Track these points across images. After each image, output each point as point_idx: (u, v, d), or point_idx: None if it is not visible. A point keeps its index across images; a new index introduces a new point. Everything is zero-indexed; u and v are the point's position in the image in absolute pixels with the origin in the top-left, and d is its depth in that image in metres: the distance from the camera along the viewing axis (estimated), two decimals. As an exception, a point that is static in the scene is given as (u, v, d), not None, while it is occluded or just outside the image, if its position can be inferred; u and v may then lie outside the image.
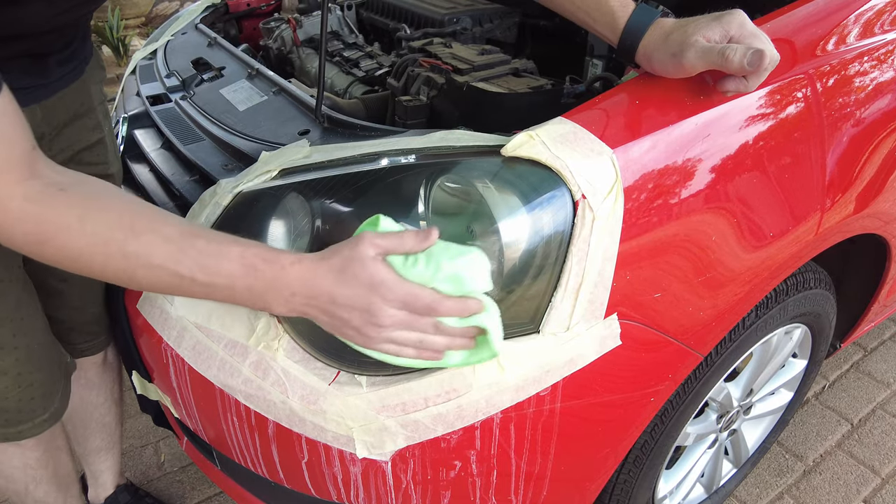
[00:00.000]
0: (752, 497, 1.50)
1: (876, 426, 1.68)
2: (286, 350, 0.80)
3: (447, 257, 0.67)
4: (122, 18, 4.35)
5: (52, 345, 1.01)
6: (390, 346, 0.69)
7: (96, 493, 1.40)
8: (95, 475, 1.38)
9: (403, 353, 0.69)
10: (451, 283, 0.66)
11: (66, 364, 1.06)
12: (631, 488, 1.09)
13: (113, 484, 1.40)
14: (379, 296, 0.65)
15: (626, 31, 0.82)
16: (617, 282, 0.78)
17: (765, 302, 1.06)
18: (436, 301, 0.65)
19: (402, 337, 0.67)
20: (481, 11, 1.47)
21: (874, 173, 1.04)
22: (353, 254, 0.65)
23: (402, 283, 0.65)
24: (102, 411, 1.28)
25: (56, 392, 1.02)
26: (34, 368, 0.96)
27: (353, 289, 0.65)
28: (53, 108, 0.92)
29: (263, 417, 0.82)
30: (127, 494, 1.42)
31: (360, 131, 0.97)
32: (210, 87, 1.26)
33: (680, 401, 1.01)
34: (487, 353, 0.71)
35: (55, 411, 1.02)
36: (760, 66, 0.74)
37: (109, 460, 1.36)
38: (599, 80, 1.00)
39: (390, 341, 0.68)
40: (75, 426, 1.28)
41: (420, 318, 0.67)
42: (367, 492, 0.84)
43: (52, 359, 1.01)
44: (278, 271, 0.65)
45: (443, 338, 0.68)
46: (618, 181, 0.76)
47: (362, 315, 0.66)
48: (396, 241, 0.66)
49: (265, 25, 1.63)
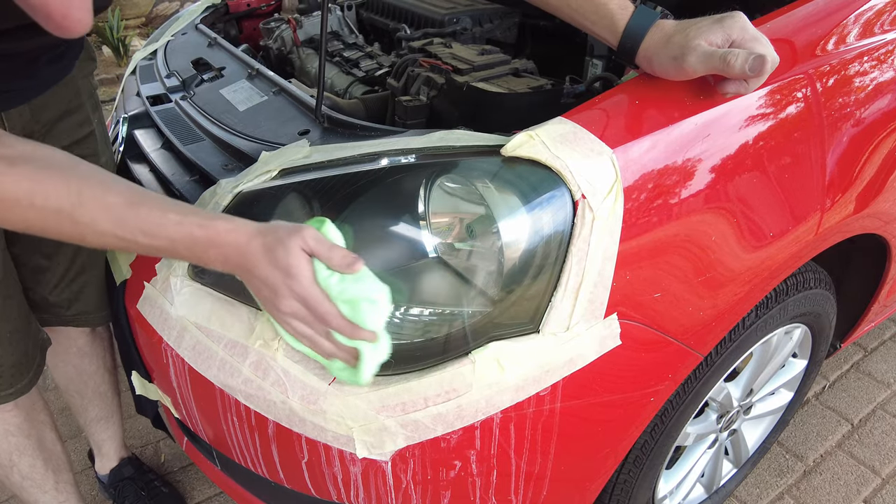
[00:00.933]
0: (753, 497, 1.50)
1: (876, 426, 1.68)
2: (286, 350, 0.80)
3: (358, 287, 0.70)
4: (122, 18, 4.35)
5: (27, 329, 1.05)
6: (290, 329, 0.74)
7: (102, 465, 1.44)
8: (99, 445, 1.41)
9: (301, 340, 0.75)
10: (348, 308, 0.70)
11: (41, 341, 1.10)
12: (631, 488, 1.09)
13: (117, 456, 1.43)
14: (287, 286, 0.69)
15: (625, 33, 0.82)
16: (617, 282, 0.78)
17: (765, 302, 1.06)
18: (329, 314, 0.70)
19: (298, 327, 0.73)
20: (481, 11, 1.47)
21: (874, 173, 1.04)
22: (285, 240, 0.69)
23: (311, 285, 0.69)
24: (97, 380, 1.31)
25: (27, 371, 1.06)
26: (5, 353, 1.00)
27: (272, 270, 0.70)
28: (43, 106, 0.92)
29: (263, 417, 0.82)
30: (131, 468, 1.45)
31: (360, 131, 0.97)
32: (210, 88, 1.26)
33: (680, 401, 1.01)
34: (355, 378, 0.73)
35: (21, 387, 1.06)
36: (762, 71, 0.74)
37: (110, 430, 1.40)
38: (599, 80, 1.00)
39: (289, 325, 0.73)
40: (72, 396, 1.32)
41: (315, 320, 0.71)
42: (367, 492, 0.84)
43: (26, 343, 1.05)
44: (213, 237, 0.71)
45: (330, 345, 0.73)
46: (618, 181, 0.76)
47: (270, 293, 0.71)
48: (326, 251, 0.69)
49: (265, 26, 1.63)
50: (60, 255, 1.10)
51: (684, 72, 0.79)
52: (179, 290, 0.87)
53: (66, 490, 1.24)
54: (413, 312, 0.78)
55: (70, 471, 1.25)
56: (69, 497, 1.25)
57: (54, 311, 1.15)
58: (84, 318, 1.19)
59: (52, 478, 1.20)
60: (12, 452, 1.13)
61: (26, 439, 1.13)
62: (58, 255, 1.09)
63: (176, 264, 0.89)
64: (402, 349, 0.78)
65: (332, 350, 0.73)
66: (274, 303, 0.71)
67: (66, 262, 1.11)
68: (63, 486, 1.23)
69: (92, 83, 1.08)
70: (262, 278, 0.70)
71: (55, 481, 1.21)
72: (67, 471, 1.24)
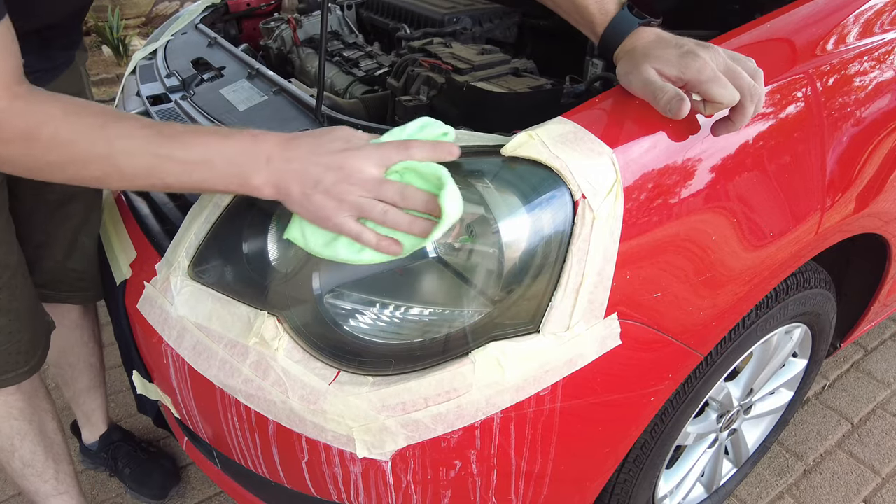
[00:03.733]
0: (753, 496, 1.50)
1: (876, 426, 1.68)
2: (286, 350, 0.80)
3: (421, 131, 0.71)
4: (122, 18, 4.35)
5: (38, 308, 1.09)
6: (352, 225, 0.68)
7: (90, 434, 1.50)
8: (87, 415, 1.47)
9: (364, 236, 0.69)
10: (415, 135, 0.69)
11: (47, 323, 1.14)
12: (631, 488, 1.09)
13: (105, 423, 1.50)
14: (354, 151, 0.66)
15: (603, 39, 0.83)
16: (617, 281, 0.78)
17: (765, 301, 1.06)
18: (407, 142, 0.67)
19: (367, 205, 0.67)
20: (481, 11, 1.47)
21: (874, 173, 1.04)
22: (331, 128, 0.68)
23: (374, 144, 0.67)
24: (87, 351, 1.37)
25: (38, 349, 1.10)
26: (23, 328, 1.04)
27: (330, 145, 0.67)
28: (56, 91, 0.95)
29: (264, 417, 0.82)
30: (120, 432, 1.52)
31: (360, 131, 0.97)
32: (210, 87, 1.26)
33: (680, 400, 1.01)
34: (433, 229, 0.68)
35: (34, 364, 1.10)
36: (678, 114, 0.73)
37: (99, 399, 1.46)
38: (599, 79, 1.00)
39: (356, 208, 0.68)
40: (63, 369, 1.37)
41: (390, 184, 0.67)
42: (368, 492, 0.84)
43: (38, 320, 1.09)
44: (252, 137, 0.68)
45: (405, 216, 0.68)
46: (618, 181, 0.76)
47: (336, 173, 0.66)
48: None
49: (265, 25, 1.63)
50: (60, 233, 1.14)
51: (631, 89, 0.80)
52: (179, 289, 0.87)
53: (67, 482, 1.25)
54: (413, 312, 0.78)
55: (71, 463, 1.26)
56: (69, 489, 1.25)
57: (57, 287, 1.20)
58: (83, 296, 1.25)
59: (53, 467, 1.21)
60: (14, 436, 1.14)
61: (28, 424, 1.14)
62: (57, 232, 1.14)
63: (176, 264, 0.89)
64: (402, 349, 0.78)
65: (408, 221, 0.68)
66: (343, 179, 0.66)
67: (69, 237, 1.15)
68: (63, 476, 1.24)
69: (86, 72, 1.13)
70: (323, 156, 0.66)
71: (55, 471, 1.22)
72: (68, 463, 1.25)
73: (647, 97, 0.77)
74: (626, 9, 0.82)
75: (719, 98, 0.74)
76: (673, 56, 0.76)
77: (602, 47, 0.84)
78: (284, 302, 0.81)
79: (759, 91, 0.76)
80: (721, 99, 0.74)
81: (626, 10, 0.82)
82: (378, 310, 0.79)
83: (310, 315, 0.80)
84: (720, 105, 0.75)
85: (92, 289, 1.25)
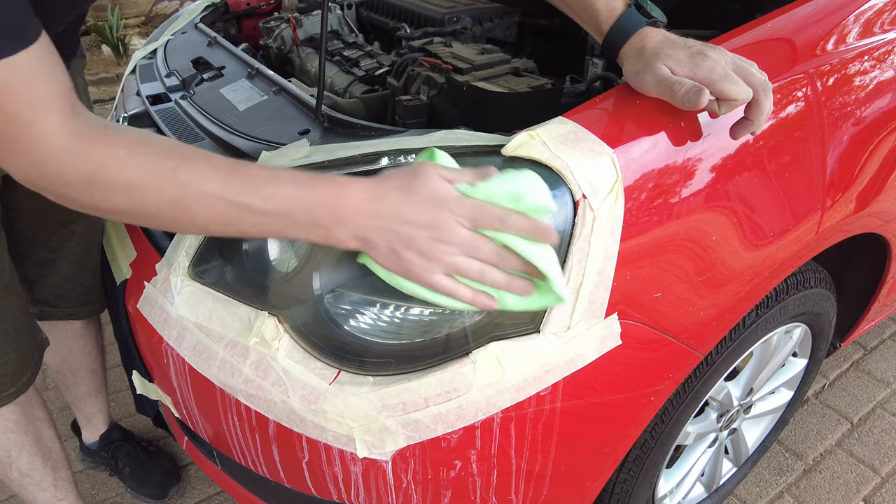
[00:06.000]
0: (752, 496, 1.50)
1: (876, 425, 1.68)
2: (286, 350, 0.80)
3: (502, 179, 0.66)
4: (122, 18, 4.34)
5: (29, 327, 1.07)
6: (446, 283, 0.66)
7: (91, 433, 1.50)
8: (88, 417, 1.48)
9: (459, 292, 0.66)
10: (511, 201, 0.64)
11: (40, 341, 1.11)
12: (631, 487, 1.09)
13: (105, 423, 1.50)
14: (447, 209, 0.63)
15: (608, 37, 0.83)
16: (617, 281, 0.78)
17: (765, 301, 1.06)
18: (505, 213, 0.63)
19: (464, 264, 0.65)
20: (481, 11, 1.47)
21: (874, 172, 1.04)
22: (417, 171, 0.64)
23: (467, 198, 0.63)
24: (90, 358, 1.37)
25: (27, 369, 1.07)
26: (9, 349, 1.01)
27: (421, 203, 0.63)
28: None
29: (264, 417, 0.82)
30: (120, 431, 1.53)
31: (360, 131, 0.97)
32: (210, 87, 1.26)
33: (680, 400, 1.01)
34: (552, 297, 0.67)
35: (22, 385, 1.07)
36: (697, 104, 0.72)
37: (100, 402, 1.47)
38: (600, 79, 1.00)
39: (451, 268, 0.65)
40: (65, 375, 1.37)
41: (485, 243, 0.65)
42: (368, 491, 0.84)
43: (28, 340, 1.06)
44: (336, 188, 0.63)
45: (503, 275, 0.66)
46: (618, 181, 0.76)
47: (429, 232, 0.63)
48: (456, 172, 0.65)
49: (265, 25, 1.63)
50: (66, 249, 1.12)
51: (642, 88, 0.79)
52: (180, 289, 0.87)
53: (65, 488, 1.24)
54: (413, 312, 0.78)
55: (69, 468, 1.26)
56: (68, 494, 1.25)
57: (61, 304, 1.19)
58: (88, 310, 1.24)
59: (51, 475, 1.21)
60: (10, 449, 1.13)
61: (24, 435, 1.14)
62: (63, 249, 1.12)
63: (176, 264, 0.89)
64: (402, 349, 0.78)
65: (506, 281, 0.66)
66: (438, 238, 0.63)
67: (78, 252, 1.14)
68: (62, 483, 1.23)
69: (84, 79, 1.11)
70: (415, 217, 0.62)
71: (54, 479, 1.21)
72: (66, 468, 1.25)
73: (662, 94, 0.77)
74: (633, 7, 0.82)
75: (734, 95, 0.73)
76: (683, 56, 0.76)
77: (606, 45, 0.83)
78: (285, 302, 0.81)
79: (771, 88, 0.76)
80: (736, 96, 0.73)
81: (632, 8, 0.82)
82: (378, 310, 0.79)
83: (310, 315, 0.80)
84: (735, 102, 0.74)
85: (97, 302, 1.24)
